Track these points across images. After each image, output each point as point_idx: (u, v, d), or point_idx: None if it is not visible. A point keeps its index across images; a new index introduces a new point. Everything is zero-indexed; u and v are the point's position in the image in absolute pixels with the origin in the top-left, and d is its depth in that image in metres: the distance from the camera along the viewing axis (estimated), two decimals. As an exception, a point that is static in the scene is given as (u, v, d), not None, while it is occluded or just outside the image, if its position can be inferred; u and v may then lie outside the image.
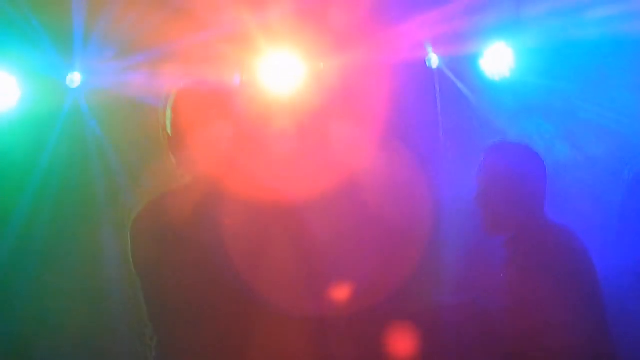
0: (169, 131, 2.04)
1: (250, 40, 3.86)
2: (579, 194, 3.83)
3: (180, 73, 3.86)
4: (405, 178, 3.98)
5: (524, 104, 4.00)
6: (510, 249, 2.47)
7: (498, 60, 4.01)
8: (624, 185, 3.41)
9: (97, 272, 3.81)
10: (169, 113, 2.05)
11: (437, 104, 4.16)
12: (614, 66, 3.80)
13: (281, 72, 3.92)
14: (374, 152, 3.93)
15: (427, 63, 4.15)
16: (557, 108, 3.97)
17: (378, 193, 3.89)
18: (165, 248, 1.94)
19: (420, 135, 4.19)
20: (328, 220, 2.06)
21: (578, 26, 3.72)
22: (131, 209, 2.12)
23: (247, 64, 3.90)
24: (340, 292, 2.03)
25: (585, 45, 3.77)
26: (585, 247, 2.45)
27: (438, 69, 4.15)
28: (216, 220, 1.92)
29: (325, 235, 1.98)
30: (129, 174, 3.90)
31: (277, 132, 3.79)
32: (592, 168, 3.88)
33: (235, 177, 1.99)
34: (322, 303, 1.93)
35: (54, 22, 3.69)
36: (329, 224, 2.05)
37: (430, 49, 4.10)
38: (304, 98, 3.97)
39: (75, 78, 3.86)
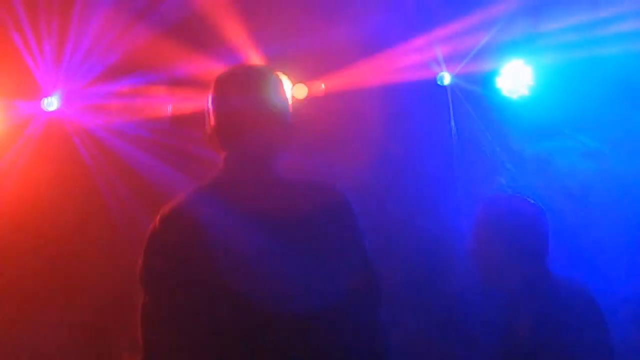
0: (211, 121, 2.04)
1: (247, 61, 3.73)
2: (602, 212, 3.72)
3: (174, 97, 3.85)
4: (407, 202, 3.87)
5: (543, 122, 3.87)
6: (507, 301, 2.39)
7: (516, 77, 3.92)
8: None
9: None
10: (210, 102, 2.04)
11: (450, 124, 4.00)
12: (636, 82, 3.68)
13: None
14: (376, 175, 3.84)
15: (439, 81, 3.98)
16: (578, 125, 3.84)
17: (376, 216, 3.67)
18: (179, 261, 1.93)
19: (429, 156, 4.02)
20: (326, 239, 2.00)
21: (598, 42, 3.62)
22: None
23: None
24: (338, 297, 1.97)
25: (606, 61, 3.66)
26: (593, 300, 2.37)
27: (453, 87, 4.00)
28: (224, 233, 1.92)
29: (322, 253, 1.98)
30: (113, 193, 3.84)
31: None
32: (615, 185, 3.76)
33: (238, 195, 1.98)
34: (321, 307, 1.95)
35: (36, 44, 3.61)
36: (327, 242, 1.99)
37: (442, 67, 3.98)
38: (305, 120, 3.79)
39: (52, 101, 3.81)
